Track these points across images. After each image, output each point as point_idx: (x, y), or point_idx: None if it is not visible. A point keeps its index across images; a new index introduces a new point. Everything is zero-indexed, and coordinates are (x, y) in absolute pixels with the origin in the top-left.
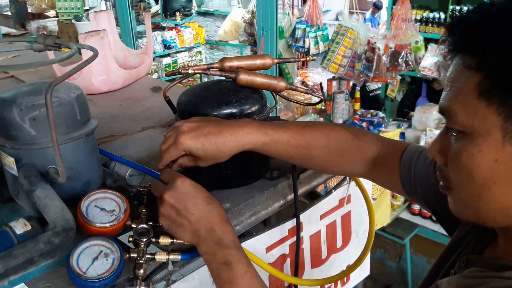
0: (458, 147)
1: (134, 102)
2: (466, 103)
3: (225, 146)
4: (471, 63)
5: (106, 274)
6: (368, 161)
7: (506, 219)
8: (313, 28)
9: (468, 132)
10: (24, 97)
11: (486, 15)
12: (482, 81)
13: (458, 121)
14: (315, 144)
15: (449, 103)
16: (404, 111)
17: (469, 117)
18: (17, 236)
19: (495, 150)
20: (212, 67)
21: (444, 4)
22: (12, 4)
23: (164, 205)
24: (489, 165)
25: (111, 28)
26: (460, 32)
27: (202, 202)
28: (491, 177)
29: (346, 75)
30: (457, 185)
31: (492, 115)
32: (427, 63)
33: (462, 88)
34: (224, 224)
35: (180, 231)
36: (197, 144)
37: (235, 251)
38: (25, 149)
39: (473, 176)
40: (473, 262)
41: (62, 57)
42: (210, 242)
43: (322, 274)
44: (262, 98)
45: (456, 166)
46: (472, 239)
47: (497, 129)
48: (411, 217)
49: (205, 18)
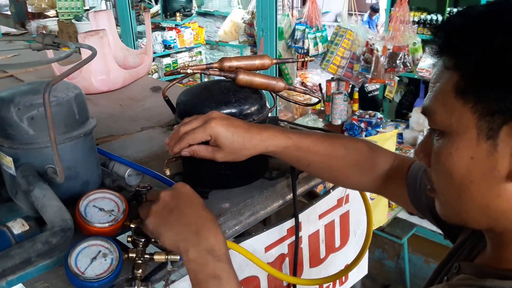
0: (438, 147)
1: (133, 102)
2: (444, 103)
3: (251, 143)
4: (451, 63)
5: (104, 274)
6: (381, 175)
7: (486, 220)
8: (312, 29)
9: (446, 131)
10: (22, 96)
11: (467, 19)
12: (458, 80)
13: (437, 120)
14: (334, 153)
15: (431, 103)
16: (403, 112)
17: (447, 116)
18: (15, 236)
19: (471, 148)
20: (211, 67)
21: (441, 6)
22: (12, 3)
23: (159, 202)
24: (465, 163)
25: (110, 28)
26: (444, 35)
27: (197, 206)
28: (468, 175)
29: (344, 76)
30: (439, 186)
31: (467, 113)
32: (424, 65)
33: (441, 88)
34: (218, 233)
35: (166, 230)
36: (227, 132)
37: (227, 266)
38: (23, 149)
39: (452, 175)
40: (464, 268)
41: (61, 56)
42: (201, 249)
43: (320, 273)
44: (262, 98)
45: (437, 166)
46: (468, 246)
47: (472, 127)
48: (409, 216)
49: (205, 18)
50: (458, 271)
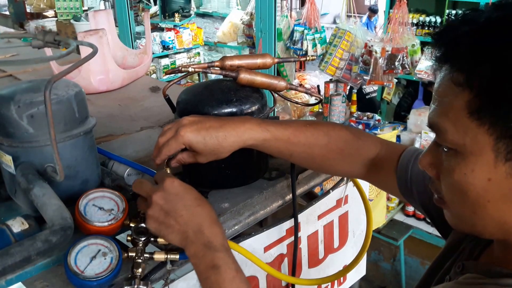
0: (450, 165)
1: (132, 102)
2: (456, 122)
3: (226, 141)
4: (460, 79)
5: (104, 273)
6: (367, 162)
7: (502, 233)
8: (311, 30)
9: (459, 150)
10: (22, 94)
11: (473, 26)
12: (471, 100)
13: (448, 139)
14: (316, 142)
15: (439, 120)
16: (402, 114)
17: (460, 136)
18: (14, 235)
19: (488, 170)
20: (212, 66)
21: (440, 8)
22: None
23: (153, 206)
24: (482, 184)
25: (110, 28)
26: (447, 42)
27: (191, 203)
28: (485, 195)
29: (343, 78)
30: (451, 201)
31: (483, 135)
32: (423, 66)
33: (451, 105)
34: (214, 226)
35: (169, 232)
36: (198, 137)
37: (224, 255)
38: (23, 147)
39: (467, 194)
40: (469, 268)
41: (62, 53)
42: (198, 244)
43: (319, 274)
44: (262, 97)
45: (449, 183)
46: (468, 245)
47: (489, 149)
48: (405, 218)
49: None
50: (462, 270)
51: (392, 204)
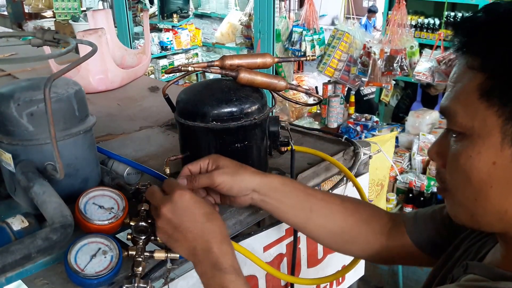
0: (457, 149)
1: (131, 101)
2: (466, 104)
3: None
4: (475, 63)
5: (104, 271)
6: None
7: (501, 224)
8: (310, 31)
9: (467, 133)
10: (22, 92)
11: (493, 16)
12: (484, 82)
13: (458, 122)
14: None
15: (450, 104)
16: (400, 116)
17: (469, 118)
18: (14, 233)
19: (494, 153)
20: (212, 65)
21: (439, 10)
22: (8, 4)
23: (162, 219)
24: (487, 168)
25: (109, 27)
26: (466, 32)
27: (200, 219)
28: (488, 180)
29: (341, 79)
30: (454, 187)
31: (492, 117)
32: (421, 68)
33: (463, 89)
34: (223, 244)
35: (177, 246)
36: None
37: (233, 277)
38: (23, 145)
39: (471, 179)
40: (472, 268)
41: (62, 51)
42: (207, 264)
43: (318, 273)
44: (262, 97)
45: (454, 168)
46: (472, 245)
47: (496, 132)
48: None
49: (202, 20)
50: (466, 270)
51: (390, 205)
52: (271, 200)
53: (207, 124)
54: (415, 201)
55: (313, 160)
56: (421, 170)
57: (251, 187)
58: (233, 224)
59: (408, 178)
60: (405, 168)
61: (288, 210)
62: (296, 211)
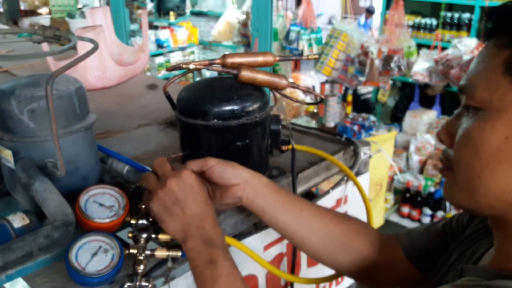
0: (470, 124)
1: (129, 99)
2: (488, 79)
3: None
4: (503, 41)
5: (105, 270)
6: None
7: (501, 205)
8: (307, 30)
9: (484, 108)
10: (23, 89)
11: None
12: (510, 57)
13: (476, 96)
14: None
15: (472, 78)
16: (398, 116)
17: (489, 92)
18: (15, 230)
19: (508, 128)
20: (213, 63)
21: (436, 10)
22: (4, 0)
23: (165, 189)
24: (498, 142)
25: (107, 25)
26: (497, 16)
27: (201, 200)
28: (497, 155)
29: (339, 79)
30: (459, 164)
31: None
32: (418, 68)
33: (487, 65)
34: (216, 226)
35: (171, 220)
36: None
37: (222, 251)
38: (23, 142)
39: (479, 152)
40: (468, 271)
41: (62, 48)
42: (199, 239)
43: (317, 273)
44: (264, 95)
45: (463, 143)
46: (467, 249)
47: None
48: (400, 219)
49: (199, 18)
50: (461, 274)
51: (387, 205)
52: (262, 195)
53: (208, 122)
54: (412, 201)
55: (314, 159)
56: (418, 170)
57: (244, 176)
58: (234, 223)
59: (405, 178)
60: (402, 168)
61: (279, 207)
62: (287, 207)
